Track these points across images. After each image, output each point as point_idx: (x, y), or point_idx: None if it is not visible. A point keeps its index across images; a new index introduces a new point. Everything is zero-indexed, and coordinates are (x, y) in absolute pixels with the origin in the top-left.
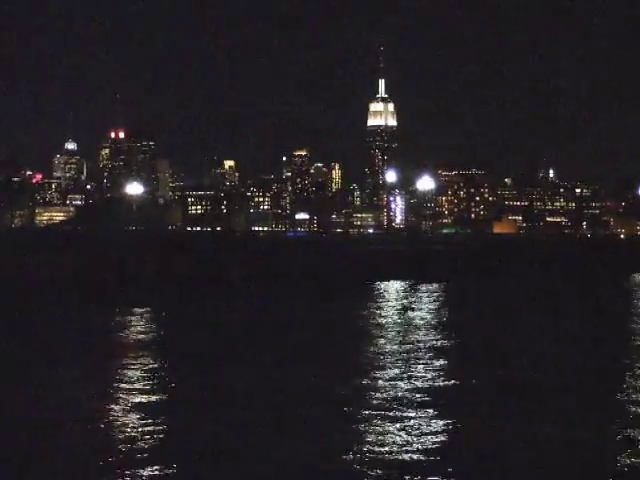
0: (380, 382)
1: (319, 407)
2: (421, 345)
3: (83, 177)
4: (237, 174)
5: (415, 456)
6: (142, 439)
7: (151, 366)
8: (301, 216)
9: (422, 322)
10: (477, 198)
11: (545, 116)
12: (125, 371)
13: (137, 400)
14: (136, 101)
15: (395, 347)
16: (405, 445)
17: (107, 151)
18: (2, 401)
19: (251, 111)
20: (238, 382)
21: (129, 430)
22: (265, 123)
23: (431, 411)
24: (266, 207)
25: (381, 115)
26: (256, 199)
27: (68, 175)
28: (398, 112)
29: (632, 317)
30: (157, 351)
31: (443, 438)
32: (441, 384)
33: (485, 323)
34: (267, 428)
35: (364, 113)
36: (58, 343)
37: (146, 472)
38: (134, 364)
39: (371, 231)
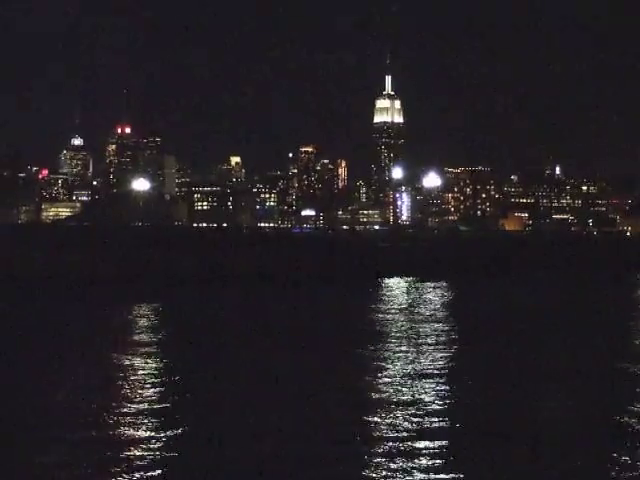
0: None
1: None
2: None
3: (89, 173)
4: (243, 170)
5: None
6: (142, 433)
7: (156, 359)
8: (307, 212)
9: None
10: (483, 195)
11: (548, 114)
12: (128, 364)
13: (140, 393)
14: (142, 97)
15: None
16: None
17: (113, 147)
18: (5, 392)
19: (257, 107)
20: (241, 376)
21: (129, 425)
22: (271, 120)
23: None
24: (272, 203)
25: (387, 112)
26: (262, 195)
27: (74, 171)
28: (404, 109)
29: (635, 314)
30: (163, 345)
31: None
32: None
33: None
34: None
35: (370, 110)
36: (62, 338)
37: (147, 464)
38: (139, 358)
39: (377, 227)
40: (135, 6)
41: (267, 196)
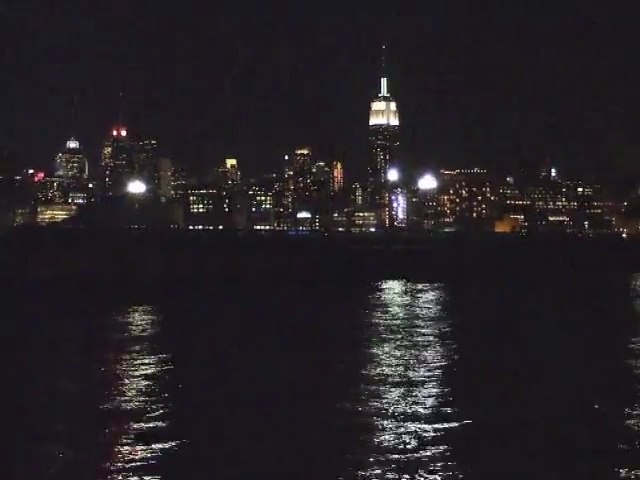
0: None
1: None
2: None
3: (85, 175)
4: (239, 173)
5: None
6: (145, 437)
7: (152, 361)
8: (303, 215)
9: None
10: (479, 197)
11: (546, 115)
12: (126, 365)
13: (140, 393)
14: (138, 99)
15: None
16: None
17: (109, 149)
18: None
19: (253, 110)
20: (238, 378)
21: (129, 428)
22: (267, 122)
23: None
24: (268, 206)
25: (383, 114)
26: (258, 198)
27: (70, 173)
28: (400, 111)
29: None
30: (159, 347)
31: None
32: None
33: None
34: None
35: (366, 112)
36: (58, 339)
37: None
38: (135, 358)
39: (373, 230)
40: (133, 7)
41: (263, 198)
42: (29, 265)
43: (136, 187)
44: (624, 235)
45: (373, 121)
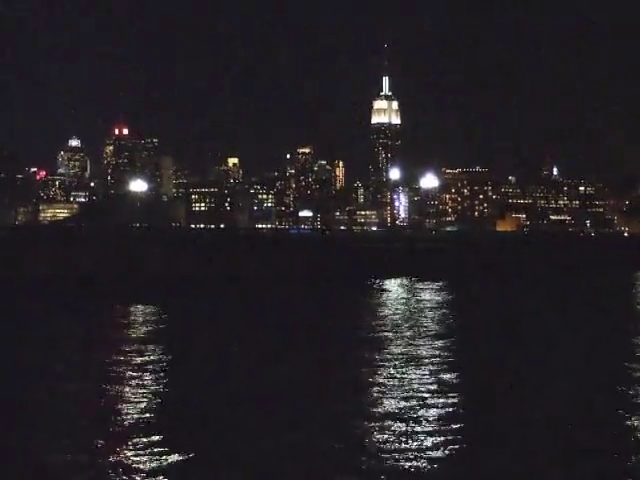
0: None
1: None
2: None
3: (87, 174)
4: (241, 171)
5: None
6: (151, 441)
7: (153, 359)
8: (305, 213)
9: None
10: (481, 196)
11: (546, 115)
12: (126, 363)
13: (140, 392)
14: (138, 99)
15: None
16: None
17: (111, 148)
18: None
19: (253, 110)
20: (239, 376)
21: (129, 428)
22: (268, 122)
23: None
24: (270, 204)
25: (385, 113)
26: (260, 196)
27: (72, 172)
28: (402, 110)
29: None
30: (159, 344)
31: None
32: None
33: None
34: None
35: (368, 111)
36: (58, 337)
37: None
38: (136, 356)
39: (374, 228)
40: (134, 7)
41: (265, 197)
42: (29, 263)
43: (138, 185)
44: (626, 234)
45: (375, 120)
